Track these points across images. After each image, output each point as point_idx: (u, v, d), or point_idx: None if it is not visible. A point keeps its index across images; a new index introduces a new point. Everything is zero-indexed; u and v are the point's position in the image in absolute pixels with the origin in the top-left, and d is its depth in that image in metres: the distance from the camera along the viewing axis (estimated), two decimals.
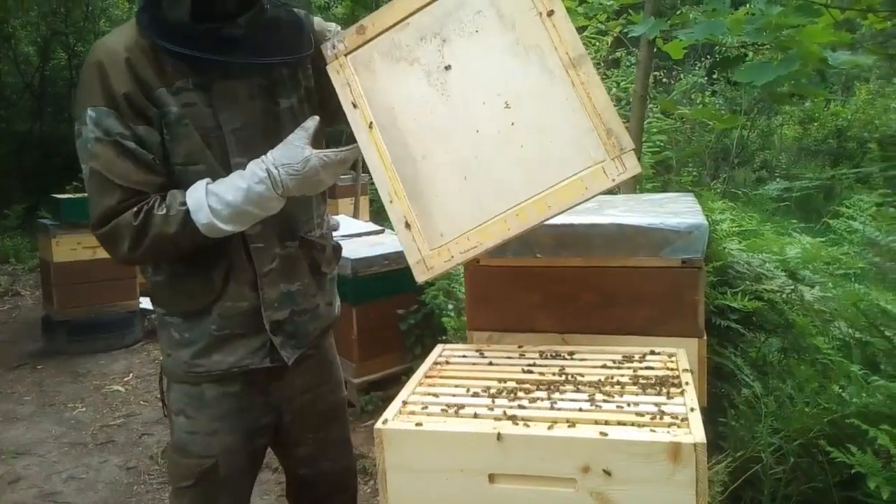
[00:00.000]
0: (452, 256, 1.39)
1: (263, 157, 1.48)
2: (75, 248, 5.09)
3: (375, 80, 1.48)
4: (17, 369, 4.97)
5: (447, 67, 1.44)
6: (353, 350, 3.91)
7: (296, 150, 1.46)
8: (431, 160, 1.43)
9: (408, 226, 1.40)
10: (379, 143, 1.44)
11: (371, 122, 1.45)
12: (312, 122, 1.51)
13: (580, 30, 3.70)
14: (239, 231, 1.51)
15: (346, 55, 1.50)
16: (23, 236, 8.62)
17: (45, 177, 9.00)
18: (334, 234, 4.72)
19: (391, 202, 1.43)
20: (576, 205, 1.40)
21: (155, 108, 1.46)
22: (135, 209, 1.45)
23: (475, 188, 1.41)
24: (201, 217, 1.45)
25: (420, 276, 1.44)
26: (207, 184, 1.47)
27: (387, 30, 1.49)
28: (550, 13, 1.40)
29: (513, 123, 1.40)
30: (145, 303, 5.36)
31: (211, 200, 1.45)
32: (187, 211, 1.45)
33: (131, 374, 4.83)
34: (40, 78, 10.76)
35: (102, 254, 1.86)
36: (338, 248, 1.86)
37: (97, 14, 10.56)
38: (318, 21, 1.70)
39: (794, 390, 2.41)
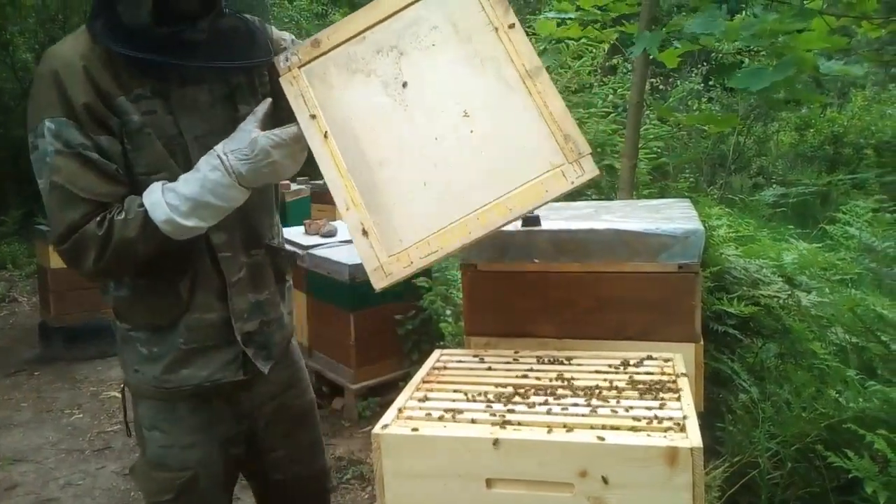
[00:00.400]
0: (412, 262, 1.38)
1: (214, 147, 1.44)
2: None
3: (331, 91, 1.47)
4: (14, 376, 4.96)
5: (404, 84, 1.46)
6: (351, 356, 3.91)
7: (243, 133, 1.43)
8: (389, 168, 1.43)
9: (365, 233, 1.39)
10: (334, 151, 1.43)
11: (326, 132, 1.44)
12: (263, 106, 1.48)
13: (577, 38, 3.71)
14: (202, 227, 1.45)
15: (299, 67, 1.48)
16: (20, 242, 8.61)
17: None
18: (332, 240, 4.72)
19: (347, 209, 1.41)
20: (537, 207, 1.42)
21: (116, 117, 1.43)
22: (98, 219, 1.41)
23: (435, 194, 1.41)
24: (159, 214, 1.40)
25: (378, 283, 1.40)
26: (164, 183, 1.44)
27: (342, 43, 1.49)
28: (511, 26, 1.44)
29: (472, 131, 1.42)
30: None
31: (168, 197, 1.41)
32: (146, 212, 1.41)
33: None
34: None
35: None
36: (294, 256, 1.85)
37: None
38: (274, 31, 1.68)
39: (791, 395, 2.41)
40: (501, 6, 1.46)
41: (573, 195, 1.51)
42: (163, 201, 1.41)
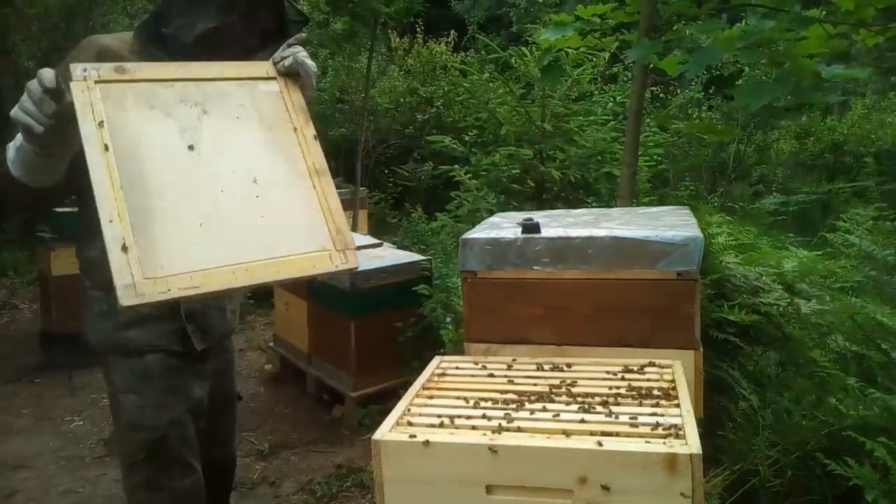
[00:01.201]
0: (169, 289, 1.37)
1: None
2: (74, 261, 5.05)
3: (125, 115, 1.47)
4: (14, 382, 4.94)
5: (197, 142, 1.50)
6: (352, 363, 3.91)
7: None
8: (167, 200, 1.44)
9: (125, 248, 1.36)
10: (111, 165, 1.40)
11: (107, 145, 1.41)
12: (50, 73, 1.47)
13: (577, 47, 3.72)
14: (23, 158, 1.54)
15: (96, 82, 1.46)
16: (21, 250, 8.61)
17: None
18: None
19: (111, 222, 1.37)
20: (302, 277, 1.51)
21: None
22: None
23: (208, 237, 1.44)
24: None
25: (126, 300, 1.34)
26: None
27: (148, 80, 1.52)
28: (315, 137, 1.60)
29: (257, 196, 1.51)
30: None
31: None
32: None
33: None
34: None
35: None
36: None
37: (98, 29, 10.60)
38: None
39: (791, 403, 2.41)
40: (304, 116, 1.62)
41: (573, 204, 1.52)
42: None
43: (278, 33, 1.78)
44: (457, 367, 1.65)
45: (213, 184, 1.47)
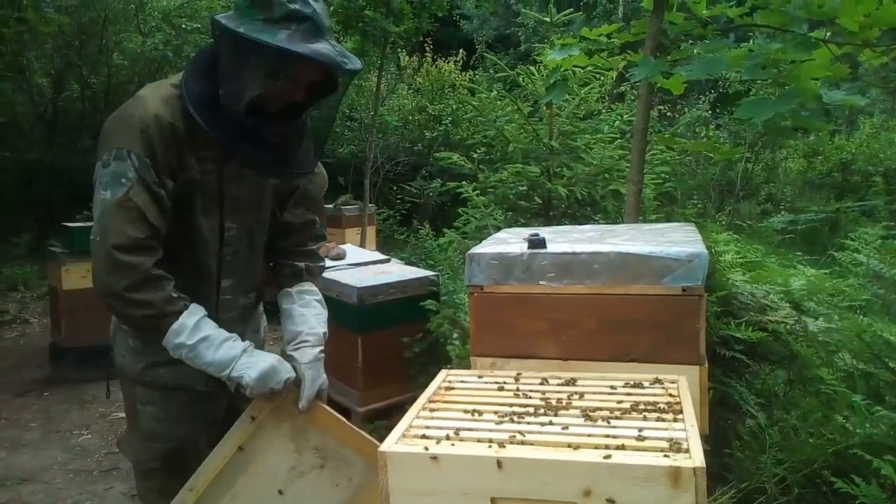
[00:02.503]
0: None
1: (249, 377, 1.71)
2: (85, 275, 5.12)
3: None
4: (23, 396, 4.98)
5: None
6: (358, 378, 3.91)
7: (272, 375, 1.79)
8: None
9: None
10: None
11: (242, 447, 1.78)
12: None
13: (584, 66, 3.76)
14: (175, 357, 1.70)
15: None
16: (32, 264, 8.69)
17: (54, 206, 9.11)
18: (341, 263, 4.73)
19: None
20: None
21: (183, 172, 1.70)
22: (157, 274, 1.65)
23: None
24: (172, 338, 1.66)
25: None
26: (204, 318, 1.70)
27: (323, 428, 1.86)
28: None
29: None
30: None
31: (192, 338, 1.67)
32: (179, 314, 1.66)
33: None
34: (53, 109, 10.91)
35: None
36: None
37: (111, 47, 10.74)
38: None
39: (798, 421, 2.41)
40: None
41: (580, 221, 1.54)
42: (188, 328, 1.67)
43: (328, 86, 1.75)
44: (463, 381, 1.66)
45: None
